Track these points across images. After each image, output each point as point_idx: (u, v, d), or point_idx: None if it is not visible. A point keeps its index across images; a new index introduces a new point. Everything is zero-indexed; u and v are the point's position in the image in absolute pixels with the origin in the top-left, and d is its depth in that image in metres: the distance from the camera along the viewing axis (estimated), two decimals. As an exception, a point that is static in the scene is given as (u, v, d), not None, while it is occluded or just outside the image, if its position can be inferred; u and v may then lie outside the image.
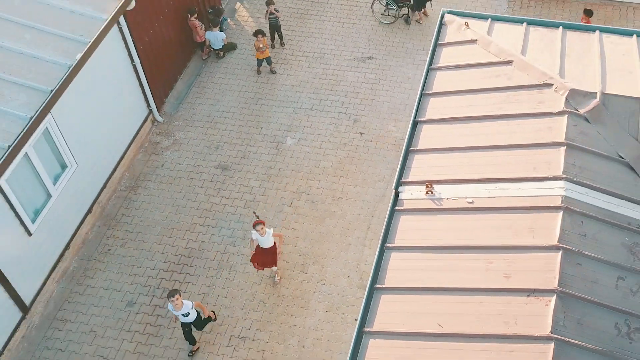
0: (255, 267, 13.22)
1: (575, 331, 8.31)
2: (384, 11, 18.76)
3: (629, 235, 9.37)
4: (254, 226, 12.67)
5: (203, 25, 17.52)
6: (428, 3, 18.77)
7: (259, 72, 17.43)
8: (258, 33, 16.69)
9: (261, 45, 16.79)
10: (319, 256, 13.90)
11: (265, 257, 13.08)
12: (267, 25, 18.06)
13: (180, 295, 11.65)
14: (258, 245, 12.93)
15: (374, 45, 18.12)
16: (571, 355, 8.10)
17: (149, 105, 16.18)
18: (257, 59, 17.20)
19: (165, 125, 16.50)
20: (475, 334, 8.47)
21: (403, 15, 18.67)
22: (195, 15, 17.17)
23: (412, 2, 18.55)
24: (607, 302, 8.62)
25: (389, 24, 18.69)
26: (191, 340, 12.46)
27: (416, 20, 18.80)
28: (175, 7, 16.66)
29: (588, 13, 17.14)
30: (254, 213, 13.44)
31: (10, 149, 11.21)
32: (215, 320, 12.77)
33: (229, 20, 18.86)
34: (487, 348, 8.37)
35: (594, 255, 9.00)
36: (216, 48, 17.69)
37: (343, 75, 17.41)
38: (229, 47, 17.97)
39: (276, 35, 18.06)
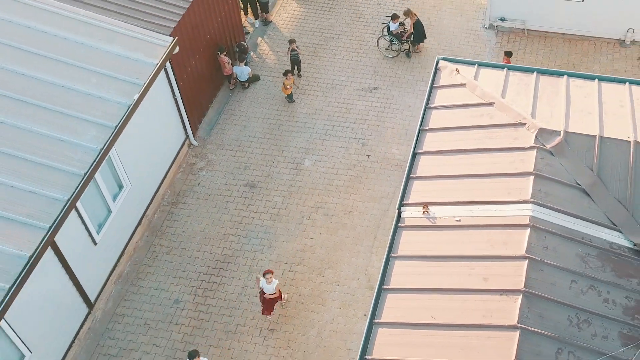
0: (263, 313, 15.13)
1: (537, 322, 10.77)
2: (388, 46, 21.22)
3: (582, 247, 11.83)
4: (264, 274, 14.65)
5: (230, 60, 20.00)
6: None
7: (292, 100, 19.75)
8: (287, 72, 19.12)
9: (288, 86, 19.18)
10: (334, 262, 16.36)
11: (269, 303, 15.06)
12: (288, 60, 20.55)
13: (199, 357, 13.58)
14: (263, 293, 14.89)
15: (379, 77, 20.58)
16: (533, 341, 10.56)
17: (186, 132, 18.64)
18: (286, 94, 19.58)
19: (200, 149, 18.98)
20: (460, 324, 10.93)
21: (404, 50, 21.12)
22: (225, 52, 19.65)
23: (412, 38, 21.00)
24: (562, 299, 11.08)
25: (392, 57, 21.14)
26: None
27: (415, 52, 21.24)
28: (208, 46, 19.12)
29: (508, 54, 19.43)
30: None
31: (86, 176, 13.69)
32: None
33: (252, 54, 21.33)
34: (468, 335, 10.83)
35: (553, 263, 11.46)
36: (242, 80, 20.16)
37: (352, 104, 19.87)
38: (253, 79, 20.46)
39: (295, 68, 20.53)
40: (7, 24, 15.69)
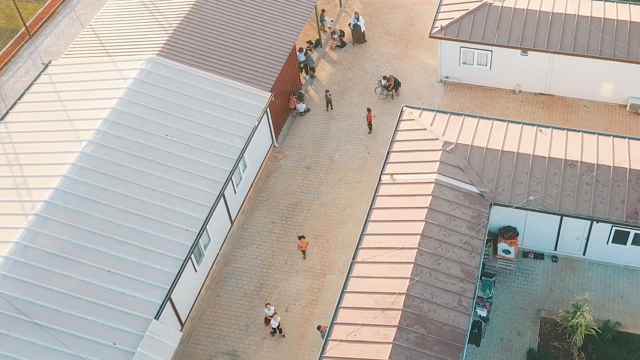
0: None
1: (431, 218, 25.50)
2: (381, 92, 35.95)
3: (456, 192, 26.60)
4: (266, 305, 27.22)
5: (295, 99, 34.81)
6: (400, 87, 35.84)
7: (304, 257, 30.63)
8: (301, 237, 28.56)
9: (300, 249, 30.17)
10: (350, 205, 31.03)
11: (268, 320, 27.51)
12: (324, 100, 35.27)
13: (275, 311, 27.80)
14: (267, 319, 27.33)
15: (376, 110, 35.19)
16: (430, 227, 25.28)
17: (272, 139, 33.45)
18: (301, 249, 28.65)
19: (279, 148, 33.78)
20: (401, 220, 25.71)
21: (390, 94, 35.83)
22: (295, 96, 34.52)
23: (395, 86, 35.64)
24: (444, 211, 25.81)
25: (383, 98, 35.83)
26: None
27: (396, 95, 35.87)
28: (285, 92, 33.95)
29: (369, 110, 33.87)
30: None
31: (236, 161, 28.52)
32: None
33: (305, 95, 36.09)
34: (404, 223, 25.60)
35: (442, 197, 26.23)
36: (300, 111, 34.95)
37: (360, 125, 34.55)
38: (306, 110, 35.24)
39: (329, 105, 35.27)
40: (170, 80, 30.50)
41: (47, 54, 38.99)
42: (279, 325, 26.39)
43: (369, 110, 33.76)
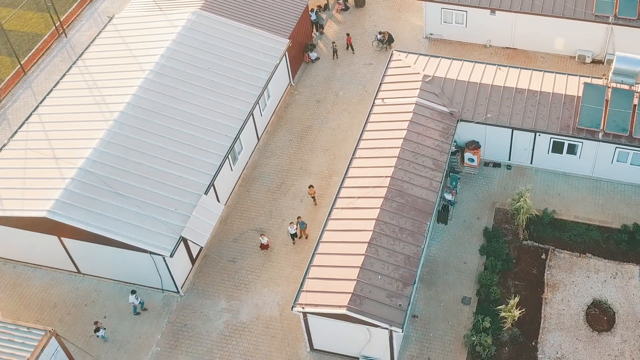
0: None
1: (413, 128, 33.05)
2: (377, 45, 43.29)
3: (431, 111, 34.01)
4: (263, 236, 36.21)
5: (308, 56, 42.13)
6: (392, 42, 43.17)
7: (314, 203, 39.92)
8: (310, 186, 35.21)
9: (309, 194, 37.26)
10: (352, 128, 38.19)
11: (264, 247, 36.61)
12: (331, 50, 42.62)
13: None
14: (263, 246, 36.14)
15: (373, 58, 42.48)
16: (407, 144, 32.83)
17: (289, 78, 40.82)
18: (311, 194, 34.22)
19: (295, 86, 41.13)
20: (389, 138, 33.22)
21: (384, 47, 43.16)
22: (308, 51, 41.85)
23: (388, 41, 42.96)
24: (423, 124, 33.33)
25: (379, 50, 43.15)
26: None
27: (389, 48, 43.18)
28: (300, 42, 41.27)
29: (348, 35, 41.34)
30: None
31: (260, 91, 35.91)
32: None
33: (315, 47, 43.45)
34: (387, 140, 33.08)
35: (421, 114, 33.68)
36: (312, 59, 42.33)
37: (360, 70, 41.80)
38: (317, 58, 42.59)
39: (335, 54, 42.61)
40: (211, 28, 37.88)
41: (105, 14, 46.42)
42: (295, 232, 33.56)
43: (348, 35, 41.91)
